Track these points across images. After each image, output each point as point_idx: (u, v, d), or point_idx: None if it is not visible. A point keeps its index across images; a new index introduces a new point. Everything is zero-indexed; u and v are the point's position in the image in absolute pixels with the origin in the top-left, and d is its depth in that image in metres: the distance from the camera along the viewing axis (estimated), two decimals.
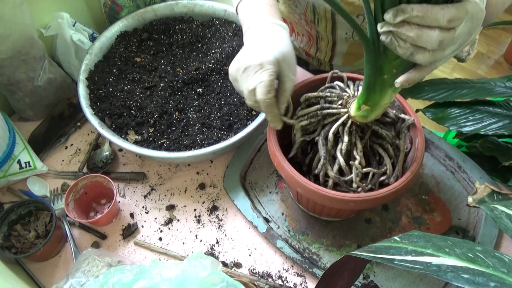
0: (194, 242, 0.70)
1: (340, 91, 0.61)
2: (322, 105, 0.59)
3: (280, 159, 0.57)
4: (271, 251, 0.69)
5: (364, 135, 0.57)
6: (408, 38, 0.40)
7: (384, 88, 0.48)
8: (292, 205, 0.73)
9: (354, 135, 0.56)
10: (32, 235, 0.67)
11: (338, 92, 0.60)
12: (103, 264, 0.61)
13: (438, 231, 0.69)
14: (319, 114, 0.58)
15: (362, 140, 0.56)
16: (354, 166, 0.54)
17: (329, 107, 0.58)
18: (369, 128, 0.57)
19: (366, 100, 0.51)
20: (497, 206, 0.51)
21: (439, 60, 0.43)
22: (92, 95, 0.76)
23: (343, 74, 0.63)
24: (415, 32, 0.39)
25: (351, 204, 0.54)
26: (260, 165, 0.78)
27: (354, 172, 0.54)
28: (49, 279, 0.66)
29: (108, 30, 0.83)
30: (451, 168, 0.76)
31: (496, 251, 0.33)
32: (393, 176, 0.56)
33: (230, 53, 0.80)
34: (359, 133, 0.56)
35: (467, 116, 0.86)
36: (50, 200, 0.74)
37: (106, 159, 0.78)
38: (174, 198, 0.75)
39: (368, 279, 0.65)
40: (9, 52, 0.71)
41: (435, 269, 0.30)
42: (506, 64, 2.11)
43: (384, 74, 0.46)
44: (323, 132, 0.57)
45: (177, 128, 0.73)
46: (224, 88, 0.78)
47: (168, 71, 0.80)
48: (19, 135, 0.77)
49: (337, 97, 0.59)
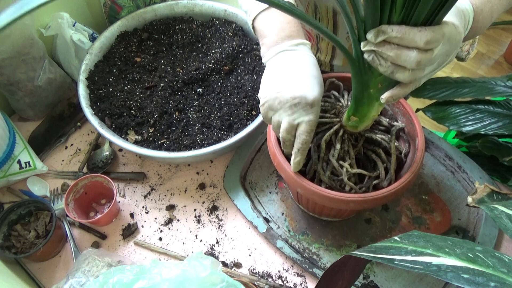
0: (194, 242, 0.70)
1: (334, 101, 0.62)
2: None
3: (280, 160, 0.57)
4: (271, 251, 0.69)
5: (357, 143, 0.59)
6: (389, 57, 0.42)
7: (371, 102, 0.50)
8: (292, 205, 0.73)
9: (347, 143, 0.57)
10: (32, 235, 0.67)
11: (332, 101, 0.62)
12: (103, 264, 0.61)
13: (438, 231, 0.69)
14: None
15: (355, 147, 0.58)
16: (344, 167, 0.55)
17: (323, 116, 0.60)
18: (362, 136, 0.59)
19: (354, 112, 0.53)
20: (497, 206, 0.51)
21: (419, 79, 0.45)
22: (92, 95, 0.76)
23: (340, 83, 0.64)
24: (395, 52, 0.41)
25: (351, 204, 0.54)
26: (260, 165, 0.78)
27: (344, 172, 0.55)
28: (49, 279, 0.66)
29: (108, 30, 0.83)
30: (451, 168, 0.76)
31: (496, 251, 0.33)
32: (386, 179, 0.57)
33: (230, 53, 0.80)
34: (352, 141, 0.58)
35: (467, 116, 0.86)
36: (50, 200, 0.74)
37: (106, 159, 0.78)
38: (174, 198, 0.75)
39: (368, 279, 0.65)
40: (9, 52, 0.71)
41: (435, 269, 0.30)
42: (506, 64, 2.11)
43: (370, 88, 0.48)
44: (315, 139, 0.59)
45: (177, 128, 0.73)
46: (224, 88, 0.78)
47: (168, 71, 0.80)
48: (19, 135, 0.77)
49: (331, 106, 0.61)
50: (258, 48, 0.83)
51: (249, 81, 0.77)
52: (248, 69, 0.80)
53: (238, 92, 0.76)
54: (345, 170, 0.55)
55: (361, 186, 0.57)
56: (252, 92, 0.76)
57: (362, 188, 0.56)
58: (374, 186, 0.57)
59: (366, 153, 0.59)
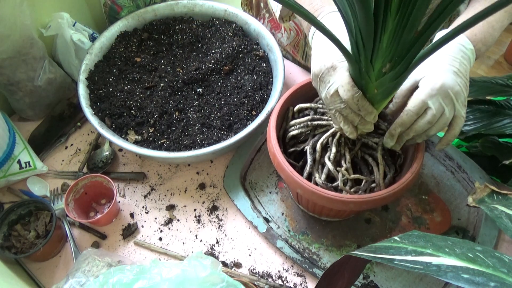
0: (194, 242, 0.70)
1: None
2: (312, 117, 0.61)
3: (280, 160, 0.57)
4: (271, 251, 0.69)
5: (354, 147, 0.59)
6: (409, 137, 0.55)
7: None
8: (292, 205, 0.73)
9: (343, 146, 0.58)
10: (32, 235, 0.67)
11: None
12: (103, 264, 0.61)
13: (438, 231, 0.69)
14: (309, 124, 0.61)
15: (351, 151, 0.58)
16: (341, 172, 0.56)
17: (320, 118, 0.60)
18: (359, 140, 0.59)
19: None
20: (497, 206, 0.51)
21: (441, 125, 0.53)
22: (92, 95, 0.76)
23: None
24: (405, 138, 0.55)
25: (351, 205, 0.54)
26: (260, 165, 0.78)
27: (340, 178, 0.56)
28: (49, 279, 0.66)
29: (108, 30, 0.83)
30: (451, 168, 0.76)
31: (496, 251, 0.33)
32: (383, 183, 0.57)
33: (230, 53, 0.80)
34: (349, 145, 0.58)
35: (467, 115, 0.86)
36: (50, 200, 0.74)
37: (106, 159, 0.78)
38: (174, 198, 0.75)
39: (368, 279, 0.65)
40: (9, 52, 0.71)
41: (435, 269, 0.30)
42: (506, 64, 2.11)
43: (367, 93, 0.49)
44: (311, 142, 0.59)
45: (177, 128, 0.73)
46: (224, 88, 0.78)
47: (168, 71, 0.80)
48: (19, 135, 0.77)
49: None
50: (258, 48, 0.83)
51: (249, 81, 0.77)
52: (248, 69, 0.80)
53: (238, 92, 0.76)
54: (341, 175, 0.55)
55: (357, 190, 0.57)
56: (252, 92, 0.76)
57: (359, 192, 0.57)
58: (370, 190, 0.58)
59: (364, 157, 0.59)
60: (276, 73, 0.78)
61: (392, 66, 0.44)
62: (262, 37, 0.83)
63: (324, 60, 0.52)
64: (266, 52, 0.83)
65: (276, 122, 0.62)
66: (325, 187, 0.56)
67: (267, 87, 0.78)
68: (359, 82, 0.48)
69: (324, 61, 0.52)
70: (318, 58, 0.54)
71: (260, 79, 0.78)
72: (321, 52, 0.54)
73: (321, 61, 0.53)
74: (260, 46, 0.84)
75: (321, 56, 0.53)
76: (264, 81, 0.78)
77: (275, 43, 0.80)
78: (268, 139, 0.60)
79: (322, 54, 0.53)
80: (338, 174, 0.56)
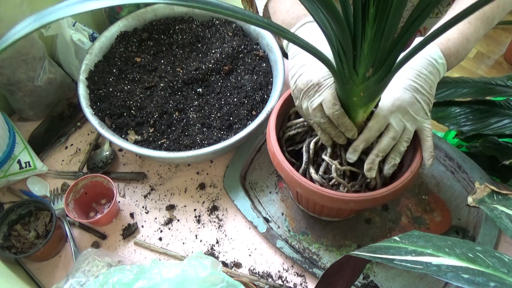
0: (194, 242, 0.70)
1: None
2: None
3: (280, 159, 0.57)
4: (271, 251, 0.69)
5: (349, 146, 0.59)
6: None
7: (355, 109, 0.52)
8: (292, 205, 0.73)
9: (339, 147, 0.58)
10: (32, 235, 0.67)
11: None
12: (103, 264, 0.61)
13: (438, 231, 0.69)
14: (305, 125, 0.61)
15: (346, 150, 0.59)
16: (334, 165, 0.56)
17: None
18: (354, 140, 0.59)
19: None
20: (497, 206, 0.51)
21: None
22: (92, 95, 0.76)
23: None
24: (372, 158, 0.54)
25: (351, 204, 0.54)
26: (260, 165, 0.78)
27: (334, 169, 0.56)
28: (49, 279, 0.66)
29: (108, 30, 0.83)
30: (451, 168, 0.76)
31: (496, 251, 0.33)
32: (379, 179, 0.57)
33: (230, 53, 0.80)
34: (345, 146, 0.58)
35: (467, 115, 0.86)
36: (50, 200, 0.74)
37: (106, 159, 0.78)
38: (174, 198, 0.75)
39: (368, 279, 0.65)
40: (9, 52, 0.71)
41: (435, 269, 0.30)
42: (506, 64, 2.11)
43: (353, 97, 0.50)
44: (307, 141, 0.60)
45: (177, 128, 0.73)
46: (224, 88, 0.78)
47: (168, 71, 0.80)
48: (19, 135, 0.77)
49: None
50: (258, 48, 0.83)
51: (249, 81, 0.77)
52: (248, 69, 0.80)
53: (238, 92, 0.76)
54: (334, 167, 0.56)
55: (354, 184, 0.57)
56: (252, 92, 0.76)
57: (355, 186, 0.57)
58: (367, 186, 0.58)
59: (360, 156, 0.60)
60: (276, 73, 0.78)
61: (374, 71, 0.46)
62: (262, 37, 0.83)
63: (311, 76, 0.54)
64: (266, 52, 0.83)
65: (276, 122, 0.62)
66: (321, 182, 0.57)
67: (267, 87, 0.78)
68: (344, 88, 0.49)
69: (311, 76, 0.54)
70: (304, 73, 0.55)
71: (260, 79, 0.78)
72: (306, 66, 0.56)
73: (307, 76, 0.55)
74: (260, 46, 0.84)
75: (307, 71, 0.55)
76: (264, 81, 0.78)
77: (275, 43, 0.80)
78: (268, 139, 0.60)
79: (307, 68, 0.55)
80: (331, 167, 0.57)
